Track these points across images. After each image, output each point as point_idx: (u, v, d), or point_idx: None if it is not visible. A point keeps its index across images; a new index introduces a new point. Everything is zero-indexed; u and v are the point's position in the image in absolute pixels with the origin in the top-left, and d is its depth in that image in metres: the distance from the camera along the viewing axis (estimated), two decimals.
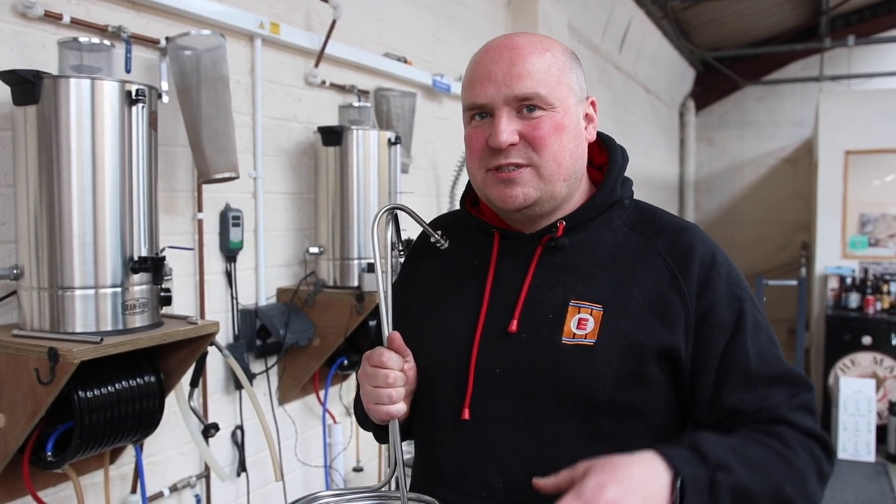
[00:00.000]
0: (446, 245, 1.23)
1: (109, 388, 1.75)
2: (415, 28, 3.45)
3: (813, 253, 6.45)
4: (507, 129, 1.08)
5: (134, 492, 2.07)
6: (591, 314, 1.09)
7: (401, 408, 1.12)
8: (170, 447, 2.26)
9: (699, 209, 9.05)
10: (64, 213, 1.62)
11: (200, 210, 2.31)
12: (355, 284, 2.59)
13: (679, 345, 1.07)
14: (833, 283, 6.10)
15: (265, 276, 2.58)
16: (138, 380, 1.82)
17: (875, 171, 6.05)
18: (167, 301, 1.84)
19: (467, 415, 1.11)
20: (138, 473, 2.05)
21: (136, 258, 1.70)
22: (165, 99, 2.11)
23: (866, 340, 5.49)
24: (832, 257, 6.15)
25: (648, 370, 1.07)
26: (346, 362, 2.71)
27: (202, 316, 2.33)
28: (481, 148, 1.11)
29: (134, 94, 1.67)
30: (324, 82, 2.79)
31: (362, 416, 1.27)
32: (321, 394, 2.78)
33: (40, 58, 1.83)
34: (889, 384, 5.40)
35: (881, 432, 5.14)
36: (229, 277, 2.45)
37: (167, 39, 2.10)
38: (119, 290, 1.68)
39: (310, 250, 2.67)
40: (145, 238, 1.74)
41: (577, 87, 1.13)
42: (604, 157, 1.22)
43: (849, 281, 5.96)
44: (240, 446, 2.50)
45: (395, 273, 1.30)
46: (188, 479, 2.31)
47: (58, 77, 1.62)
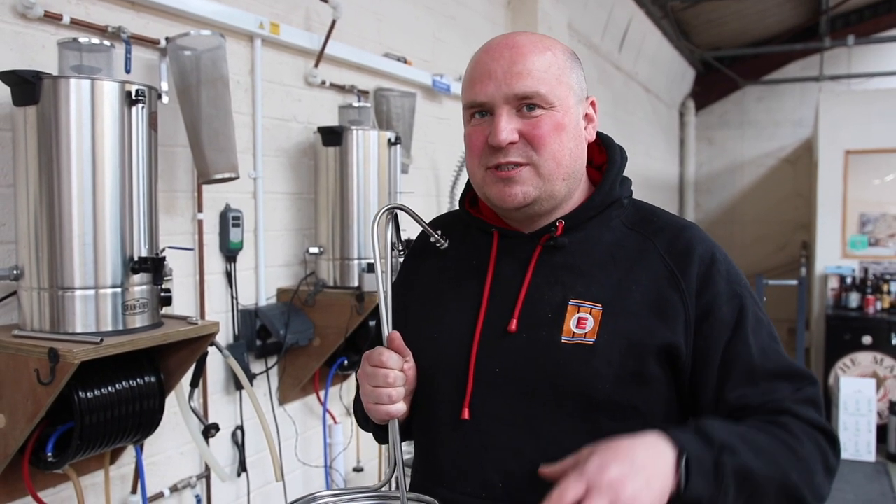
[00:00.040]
0: (446, 245, 1.23)
1: (110, 388, 1.75)
2: (415, 28, 3.45)
3: (813, 252, 6.45)
4: (507, 127, 1.08)
5: (134, 492, 2.07)
6: (590, 313, 1.09)
7: (400, 407, 1.12)
8: (170, 447, 2.26)
9: (699, 209, 9.05)
10: (64, 214, 1.62)
11: (200, 210, 2.32)
12: (355, 284, 2.59)
13: (679, 342, 1.07)
14: (833, 283, 6.10)
15: (265, 276, 2.58)
16: (138, 380, 1.82)
17: (875, 170, 6.05)
18: (167, 301, 1.84)
19: (467, 414, 1.11)
20: (138, 474, 2.05)
21: (136, 258, 1.71)
22: (165, 99, 2.11)
23: (866, 340, 5.49)
24: (832, 257, 6.15)
25: (648, 369, 1.07)
26: (346, 362, 2.71)
27: (202, 316, 2.33)
28: (481, 146, 1.11)
29: (134, 94, 1.68)
30: (324, 82, 2.79)
31: (362, 416, 1.27)
32: (321, 394, 2.78)
33: (40, 58, 1.83)
34: (889, 384, 5.40)
35: (881, 432, 5.14)
36: (229, 278, 2.45)
37: (167, 40, 2.10)
38: (119, 290, 1.68)
39: (310, 250, 2.67)
40: (145, 238, 1.74)
41: (577, 86, 1.13)
42: (603, 157, 1.22)
43: (849, 280, 5.96)
44: (240, 446, 2.51)
45: (394, 273, 1.29)
46: (188, 480, 2.31)
47: (58, 77, 1.62)
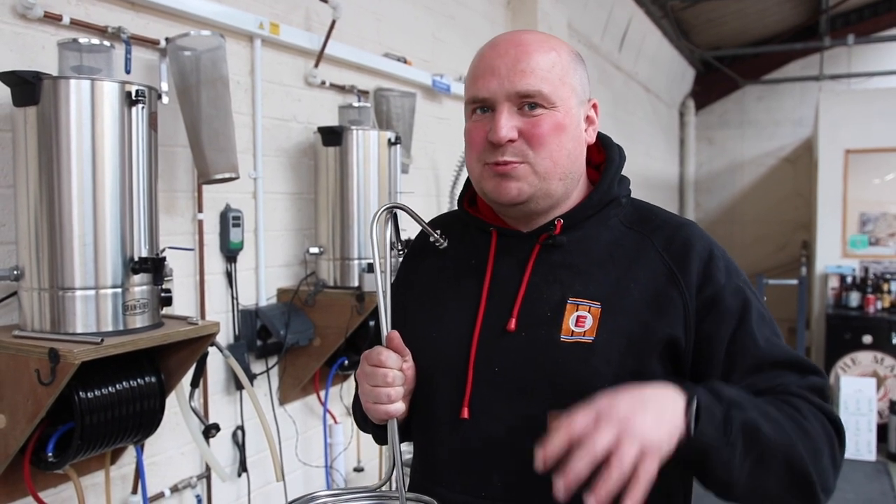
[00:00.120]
0: (445, 244, 1.23)
1: (110, 388, 1.75)
2: (414, 28, 3.45)
3: (813, 252, 6.45)
4: (507, 124, 1.08)
5: (135, 492, 2.07)
6: (589, 311, 1.09)
7: (399, 407, 1.12)
8: (170, 447, 2.26)
9: (699, 209, 9.05)
10: (64, 214, 1.62)
11: (200, 210, 2.32)
12: (356, 284, 2.60)
13: (678, 336, 1.07)
14: (833, 283, 6.10)
15: (265, 276, 2.58)
16: (139, 380, 1.82)
17: (875, 169, 6.05)
18: (167, 301, 1.84)
19: (466, 414, 1.11)
20: (139, 474, 2.05)
21: (136, 259, 1.71)
22: (165, 99, 2.11)
23: (867, 339, 5.49)
24: (832, 256, 6.15)
25: (648, 367, 1.07)
26: (346, 362, 2.71)
27: (202, 316, 2.33)
28: (481, 142, 1.11)
29: (134, 94, 1.68)
30: (324, 82, 2.79)
31: (361, 417, 1.27)
32: (322, 394, 2.78)
33: (40, 59, 1.83)
34: (890, 383, 5.40)
35: (882, 431, 5.14)
36: (230, 278, 2.45)
37: (167, 40, 2.10)
38: (119, 290, 1.69)
39: (310, 250, 2.67)
40: (145, 238, 1.74)
41: (579, 88, 1.14)
42: (601, 157, 1.22)
43: (849, 280, 5.96)
44: (240, 446, 2.51)
45: (394, 272, 1.29)
46: (189, 480, 2.31)
47: (58, 78, 1.62)
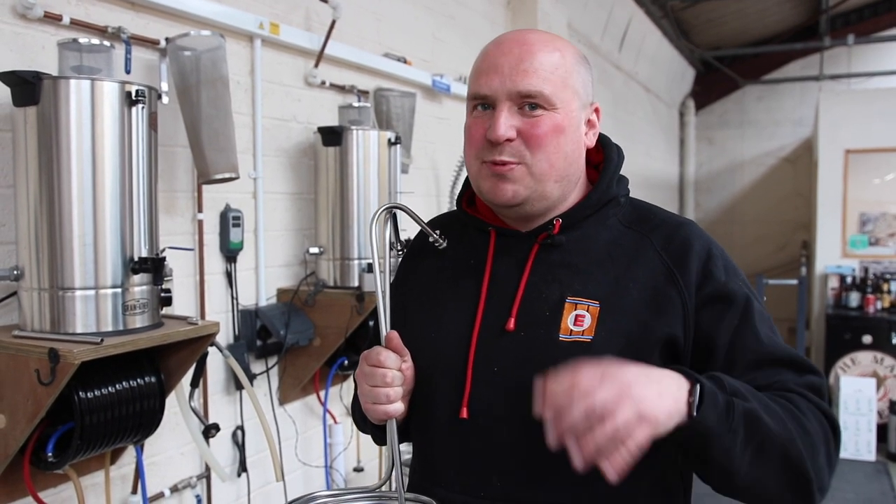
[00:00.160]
0: (444, 244, 1.23)
1: (110, 388, 1.75)
2: (414, 28, 3.45)
3: (813, 252, 6.45)
4: (506, 123, 1.08)
5: (135, 492, 2.08)
6: (587, 311, 1.09)
7: (398, 407, 1.12)
8: (170, 447, 2.26)
9: (699, 208, 9.05)
10: (64, 214, 1.62)
11: (200, 210, 2.32)
12: (355, 284, 2.60)
13: (677, 335, 1.07)
14: (833, 283, 6.10)
15: (265, 276, 2.58)
16: (139, 380, 1.82)
17: (875, 169, 6.05)
18: (167, 301, 1.84)
19: (465, 414, 1.11)
20: (139, 474, 2.05)
21: (136, 259, 1.71)
22: (165, 99, 2.11)
23: (867, 339, 5.49)
24: (832, 256, 6.15)
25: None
26: (346, 362, 2.71)
27: (202, 316, 2.33)
28: (479, 140, 1.11)
29: (134, 94, 1.68)
30: (324, 82, 2.79)
31: (360, 417, 1.27)
32: (322, 394, 2.78)
33: (40, 59, 1.84)
34: (889, 383, 5.40)
35: (882, 431, 5.14)
36: (229, 278, 2.45)
37: (167, 40, 2.10)
38: (119, 290, 1.69)
39: (310, 250, 2.67)
40: (145, 238, 1.74)
41: (582, 91, 1.13)
42: (600, 156, 1.22)
43: (849, 280, 5.96)
44: (240, 446, 2.51)
45: (393, 272, 1.29)
46: (189, 480, 2.31)
47: (58, 78, 1.62)
